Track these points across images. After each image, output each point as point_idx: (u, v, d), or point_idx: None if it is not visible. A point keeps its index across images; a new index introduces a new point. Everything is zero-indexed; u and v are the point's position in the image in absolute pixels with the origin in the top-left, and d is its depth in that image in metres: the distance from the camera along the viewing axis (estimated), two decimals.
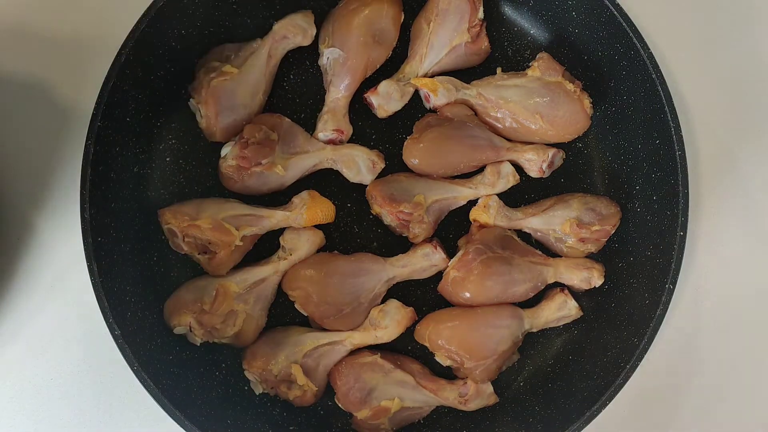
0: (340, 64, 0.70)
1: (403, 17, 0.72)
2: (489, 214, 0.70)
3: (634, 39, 0.67)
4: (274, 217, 0.69)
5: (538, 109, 0.70)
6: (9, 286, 0.72)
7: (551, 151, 0.71)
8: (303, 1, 0.73)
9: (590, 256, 0.73)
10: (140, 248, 0.70)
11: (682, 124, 0.67)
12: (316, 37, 0.72)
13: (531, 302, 0.71)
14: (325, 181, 0.72)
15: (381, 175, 0.71)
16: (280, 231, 0.70)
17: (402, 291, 0.72)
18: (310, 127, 0.72)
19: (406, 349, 0.72)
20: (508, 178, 0.71)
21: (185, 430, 0.63)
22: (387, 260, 0.70)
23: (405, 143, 0.71)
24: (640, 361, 0.65)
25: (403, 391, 0.69)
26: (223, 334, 0.68)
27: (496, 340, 0.68)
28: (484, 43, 0.73)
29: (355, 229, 0.72)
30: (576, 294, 0.72)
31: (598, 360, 0.69)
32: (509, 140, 0.72)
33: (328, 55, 0.71)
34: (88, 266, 0.64)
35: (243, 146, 0.68)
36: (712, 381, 0.75)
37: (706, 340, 0.75)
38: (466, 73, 0.73)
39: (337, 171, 0.71)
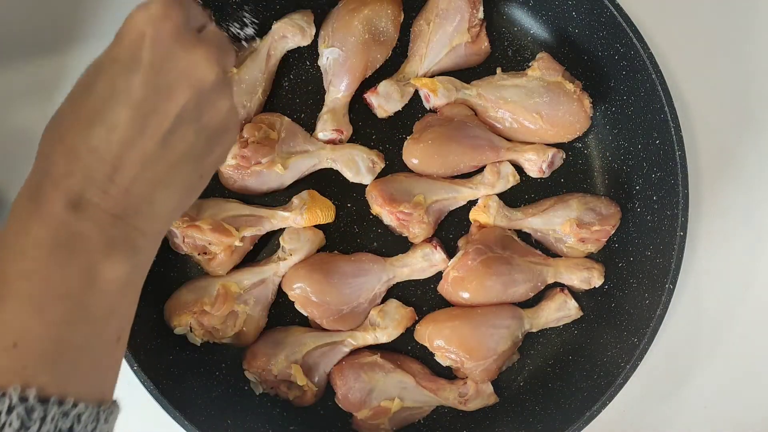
0: (340, 63, 0.70)
1: (403, 17, 0.72)
2: (489, 214, 0.70)
3: (634, 39, 0.67)
4: (274, 218, 0.69)
5: (538, 109, 0.70)
6: None
7: (551, 151, 0.71)
8: (303, 1, 0.73)
9: (590, 256, 0.73)
10: None
11: (682, 124, 0.67)
12: (316, 36, 0.72)
13: (531, 302, 0.71)
14: (325, 181, 0.72)
15: (381, 175, 0.71)
16: (280, 231, 0.70)
17: (402, 291, 0.72)
18: (310, 127, 0.72)
19: (406, 349, 0.72)
20: (508, 178, 0.71)
21: (185, 430, 0.63)
22: (387, 260, 0.70)
23: (405, 143, 0.71)
24: (640, 361, 0.65)
25: (403, 391, 0.69)
26: (223, 334, 0.68)
27: (496, 340, 0.68)
28: (484, 43, 0.73)
29: (355, 229, 0.72)
30: (576, 294, 0.72)
31: (598, 360, 0.69)
32: (509, 140, 0.72)
33: (327, 55, 0.71)
34: None
35: (242, 145, 0.68)
36: (711, 381, 0.75)
37: (706, 340, 0.75)
38: (466, 73, 0.73)
39: (337, 171, 0.71)
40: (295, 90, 0.73)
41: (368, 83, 0.71)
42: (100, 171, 0.40)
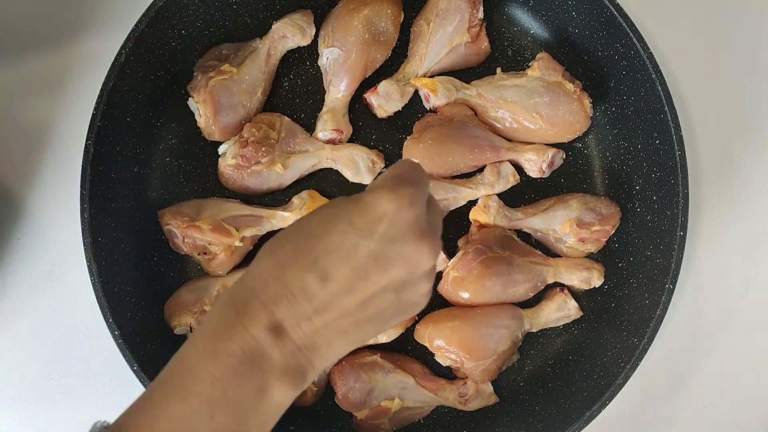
0: (340, 63, 0.70)
1: (403, 17, 0.72)
2: (489, 214, 0.70)
3: (634, 39, 0.67)
4: (274, 218, 0.69)
5: (538, 109, 0.70)
6: (8, 285, 0.72)
7: (551, 151, 0.71)
8: (303, 1, 0.73)
9: (590, 256, 0.73)
10: (140, 248, 0.70)
11: (682, 124, 0.67)
12: (316, 36, 0.72)
13: (531, 302, 0.71)
14: (325, 181, 0.72)
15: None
16: (280, 231, 0.70)
17: None
18: (310, 127, 0.72)
19: (406, 349, 0.72)
20: (508, 178, 0.71)
21: None
22: None
23: (405, 143, 0.71)
24: (640, 361, 0.65)
25: (403, 391, 0.69)
26: None
27: (496, 340, 0.68)
28: (484, 43, 0.73)
29: None
30: (576, 294, 0.72)
31: (598, 360, 0.69)
32: (509, 140, 0.72)
33: (327, 55, 0.71)
34: (88, 266, 0.64)
35: (242, 145, 0.68)
36: (711, 381, 0.75)
37: (706, 340, 0.75)
38: (466, 73, 0.73)
39: (337, 171, 0.71)
40: (295, 90, 0.74)
41: (368, 83, 0.71)
42: (303, 309, 0.44)
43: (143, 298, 0.68)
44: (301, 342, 0.45)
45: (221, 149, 0.70)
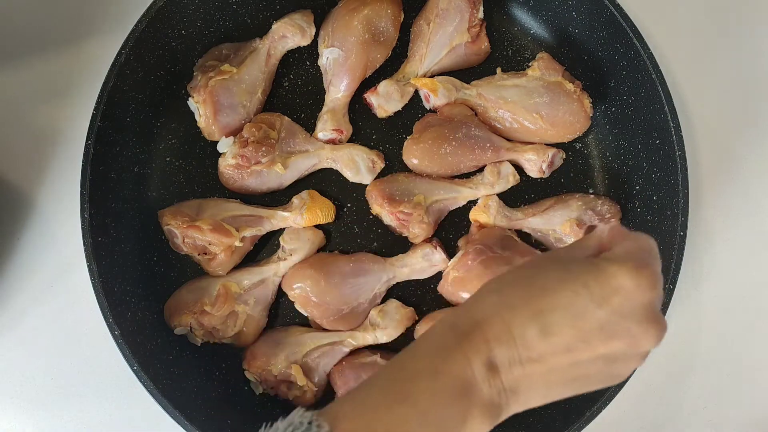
0: (340, 63, 0.70)
1: (403, 17, 0.72)
2: (489, 214, 0.70)
3: (634, 39, 0.67)
4: (274, 218, 0.69)
5: (538, 109, 0.70)
6: (9, 285, 0.72)
7: (551, 151, 0.71)
8: (303, 1, 0.73)
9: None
10: (140, 248, 0.70)
11: (682, 124, 0.67)
12: (316, 36, 0.72)
13: None
14: (325, 181, 0.72)
15: (381, 175, 0.71)
16: (280, 231, 0.70)
17: (402, 291, 0.72)
18: (310, 127, 0.72)
19: None
20: (508, 178, 0.71)
21: (185, 430, 0.63)
22: (387, 260, 0.70)
23: (405, 143, 0.71)
24: None
25: None
26: (223, 334, 0.68)
27: None
28: (484, 43, 0.73)
29: (355, 229, 0.72)
30: None
31: None
32: (509, 140, 0.72)
33: (327, 55, 0.71)
34: (88, 266, 0.64)
35: (243, 145, 0.68)
36: (712, 381, 0.75)
37: (706, 340, 0.75)
38: (466, 73, 0.73)
39: (337, 171, 0.71)
40: (295, 90, 0.74)
41: (368, 83, 0.71)
42: (519, 354, 0.45)
43: (143, 298, 0.68)
44: (508, 383, 0.46)
45: (219, 146, 0.70)
